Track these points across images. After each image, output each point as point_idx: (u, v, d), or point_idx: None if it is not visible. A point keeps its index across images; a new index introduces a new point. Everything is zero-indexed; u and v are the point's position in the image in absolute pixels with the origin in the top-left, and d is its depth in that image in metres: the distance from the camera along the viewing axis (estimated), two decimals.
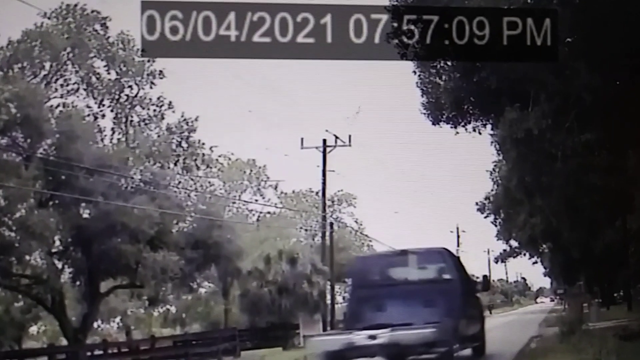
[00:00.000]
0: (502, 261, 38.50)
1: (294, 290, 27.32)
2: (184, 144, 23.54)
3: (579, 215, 18.97)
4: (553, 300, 63.48)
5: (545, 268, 46.85)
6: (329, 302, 30.85)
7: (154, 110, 23.20)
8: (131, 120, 23.05)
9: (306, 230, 44.88)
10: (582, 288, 32.23)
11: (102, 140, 22.29)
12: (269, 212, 43.19)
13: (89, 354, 18.66)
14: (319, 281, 28.25)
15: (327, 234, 32.64)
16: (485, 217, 24.46)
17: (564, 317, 24.52)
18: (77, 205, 19.26)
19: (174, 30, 6.70)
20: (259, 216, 42.31)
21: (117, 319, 32.07)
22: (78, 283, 21.01)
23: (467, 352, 13.29)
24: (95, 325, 25.35)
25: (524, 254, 32.44)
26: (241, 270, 26.41)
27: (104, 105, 22.72)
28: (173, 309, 33.21)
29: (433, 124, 11.82)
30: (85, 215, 19.63)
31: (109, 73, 22.57)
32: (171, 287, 23.76)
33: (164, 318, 34.01)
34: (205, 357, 20.85)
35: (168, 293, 25.08)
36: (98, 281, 21.19)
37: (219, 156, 35.88)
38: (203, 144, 24.13)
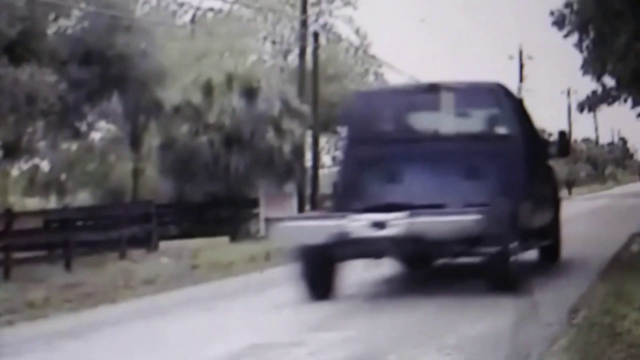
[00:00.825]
0: (590, 110, 38.57)
1: (252, 142, 27.75)
2: None
3: None
4: None
5: None
6: (309, 164, 31.30)
7: None
8: None
9: (274, 42, 44.86)
10: None
11: None
12: (211, 9, 43.05)
13: None
14: (293, 129, 28.74)
15: (310, 50, 32.68)
16: (565, 37, 24.41)
17: None
18: None
19: None
20: (195, 14, 42.18)
21: None
22: None
23: (532, 254, 13.79)
24: None
25: (625, 101, 32.73)
26: (163, 104, 26.69)
27: None
28: (45, 166, 33.50)
29: None
30: None
31: None
32: (43, 128, 23.94)
33: (29, 180, 34.29)
34: (99, 249, 21.37)
35: (37, 138, 25.27)
36: None
37: None
38: None
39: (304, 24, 32.82)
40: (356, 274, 12.94)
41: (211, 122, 27.80)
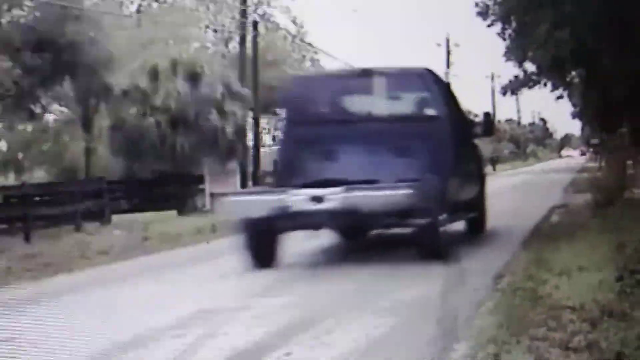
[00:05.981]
0: (513, 93, 39.58)
1: (197, 123, 27.55)
2: None
3: (628, 32, 19.24)
4: (584, 155, 66.16)
5: (574, 106, 48.30)
6: (250, 143, 31.36)
7: None
8: None
9: (216, 30, 44.79)
10: (625, 138, 33.20)
11: None
12: (156, 1, 42.81)
13: None
14: (235, 111, 28.58)
15: (249, 38, 32.63)
16: (489, 26, 24.64)
17: (600, 180, 25.76)
18: None
19: None
20: (140, 4, 41.87)
21: None
22: None
23: (459, 226, 14.00)
24: None
25: (544, 84, 33.30)
26: (112, 88, 26.37)
27: None
28: (3, 146, 33.19)
29: None
30: None
31: None
32: (0, 110, 23.64)
33: None
34: (56, 222, 21.17)
35: None
36: None
37: None
38: None
39: (243, 13, 32.78)
40: (296, 244, 13.00)
41: (158, 105, 27.46)
